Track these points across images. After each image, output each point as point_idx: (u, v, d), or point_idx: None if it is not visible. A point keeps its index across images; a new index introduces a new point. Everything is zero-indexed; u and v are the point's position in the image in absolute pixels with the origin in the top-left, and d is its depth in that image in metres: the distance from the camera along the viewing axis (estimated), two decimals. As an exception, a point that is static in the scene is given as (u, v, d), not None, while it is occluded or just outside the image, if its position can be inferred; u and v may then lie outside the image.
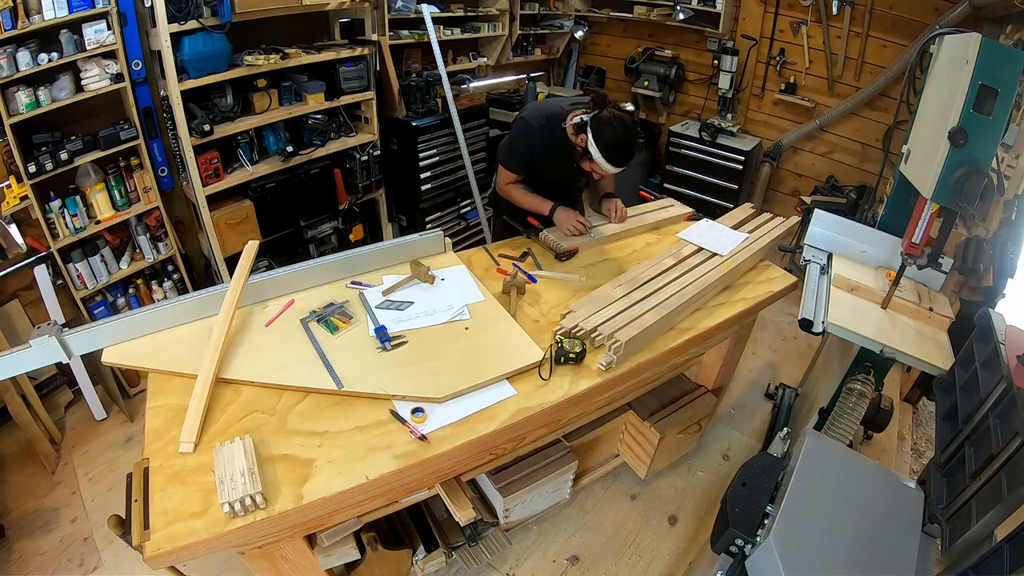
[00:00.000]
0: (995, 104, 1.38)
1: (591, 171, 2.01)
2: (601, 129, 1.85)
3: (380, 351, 1.55)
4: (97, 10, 2.19)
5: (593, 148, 1.87)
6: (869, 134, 3.75)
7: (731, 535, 1.28)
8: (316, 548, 1.42)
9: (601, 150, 1.86)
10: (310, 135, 3.01)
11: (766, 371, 3.16)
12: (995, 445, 1.13)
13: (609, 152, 1.86)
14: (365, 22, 3.07)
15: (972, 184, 1.40)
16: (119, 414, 2.68)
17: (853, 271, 1.97)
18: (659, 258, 2.07)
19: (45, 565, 2.02)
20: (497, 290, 1.85)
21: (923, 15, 3.27)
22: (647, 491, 2.38)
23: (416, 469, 1.28)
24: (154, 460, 1.22)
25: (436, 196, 3.72)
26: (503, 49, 4.16)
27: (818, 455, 1.38)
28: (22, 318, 2.47)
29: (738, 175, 4.04)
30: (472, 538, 1.95)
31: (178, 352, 1.49)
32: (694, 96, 4.49)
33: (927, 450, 2.65)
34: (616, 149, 1.86)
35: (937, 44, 1.72)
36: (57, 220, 2.33)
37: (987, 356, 1.36)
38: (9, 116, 2.07)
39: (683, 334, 1.75)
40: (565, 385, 1.51)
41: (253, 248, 1.70)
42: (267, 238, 2.92)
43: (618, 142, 1.86)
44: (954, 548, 1.13)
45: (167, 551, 1.06)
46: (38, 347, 1.40)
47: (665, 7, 4.16)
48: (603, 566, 2.08)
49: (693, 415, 2.16)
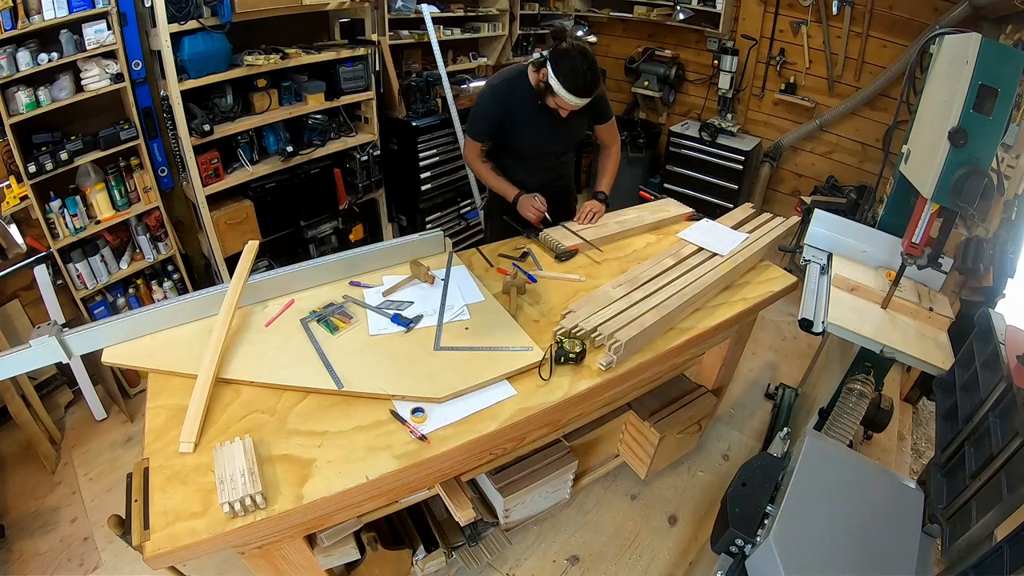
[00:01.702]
0: (995, 104, 1.38)
1: (556, 107, 1.96)
2: (559, 59, 1.82)
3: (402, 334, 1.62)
4: (97, 10, 2.19)
5: (553, 79, 1.84)
6: (869, 134, 3.75)
7: (731, 535, 1.28)
8: (316, 548, 1.42)
9: (560, 79, 1.83)
10: (310, 135, 3.01)
11: (766, 371, 3.16)
12: (995, 445, 1.13)
13: (568, 80, 1.83)
14: (365, 22, 3.07)
15: (972, 184, 1.40)
16: (119, 414, 2.68)
17: (853, 271, 1.97)
18: (659, 258, 2.07)
19: (45, 565, 2.02)
20: (497, 290, 1.85)
21: (923, 15, 3.27)
22: (647, 491, 2.38)
23: (416, 469, 1.28)
24: (154, 460, 1.22)
25: (436, 196, 3.72)
26: (503, 49, 4.16)
27: (818, 455, 1.38)
28: (22, 318, 2.47)
29: (738, 175, 4.05)
30: (472, 538, 1.95)
31: (178, 352, 1.49)
32: (694, 96, 4.49)
33: (927, 450, 2.65)
34: (575, 76, 1.82)
35: (937, 44, 1.72)
36: (57, 220, 2.33)
37: (987, 356, 1.36)
38: (9, 116, 2.07)
39: (683, 334, 1.75)
40: (565, 385, 1.51)
41: (253, 248, 1.70)
42: (267, 238, 2.92)
43: (576, 70, 1.82)
44: (954, 548, 1.13)
45: (167, 551, 1.06)
46: (38, 347, 1.40)
47: (665, 7, 4.16)
48: (603, 566, 2.08)
49: (693, 415, 2.16)
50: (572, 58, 1.82)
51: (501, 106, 2.07)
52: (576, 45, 1.84)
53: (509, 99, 2.05)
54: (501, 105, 2.07)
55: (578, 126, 2.24)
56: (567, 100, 1.88)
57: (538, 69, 1.94)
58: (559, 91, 1.85)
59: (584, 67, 1.83)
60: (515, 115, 2.07)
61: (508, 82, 2.06)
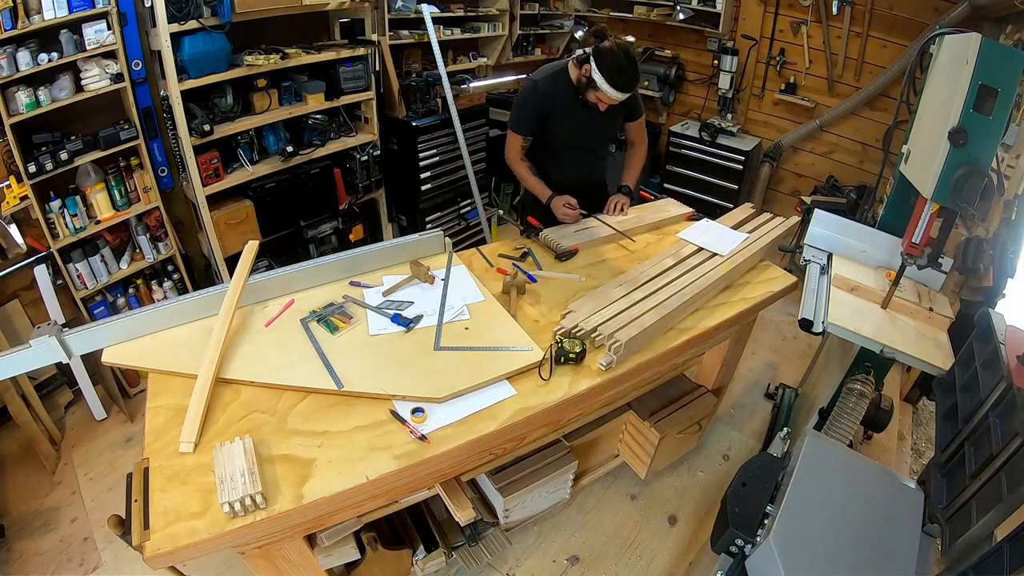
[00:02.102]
0: (995, 104, 1.38)
1: (596, 102, 2.06)
2: (603, 56, 1.93)
3: (402, 333, 1.62)
4: (97, 10, 2.19)
5: (596, 75, 1.95)
6: (869, 134, 3.75)
7: (731, 535, 1.28)
8: (316, 548, 1.42)
9: (604, 75, 1.94)
10: (310, 135, 3.01)
11: (766, 371, 3.16)
12: (995, 445, 1.13)
13: (612, 76, 1.94)
14: (365, 22, 3.07)
15: (972, 184, 1.40)
16: (119, 414, 2.68)
17: (853, 271, 1.97)
18: (659, 258, 2.07)
19: (45, 565, 2.02)
20: (497, 290, 1.85)
21: (923, 15, 3.27)
22: (647, 491, 2.38)
23: (416, 469, 1.28)
24: (154, 460, 1.22)
25: (436, 196, 3.72)
26: (503, 49, 4.16)
27: (818, 455, 1.38)
28: (22, 318, 2.47)
29: (738, 175, 4.05)
30: (472, 538, 1.95)
31: (178, 352, 1.49)
32: (694, 96, 4.49)
33: (927, 450, 2.65)
34: (618, 72, 1.93)
35: (937, 44, 1.72)
36: (57, 220, 2.33)
37: (987, 356, 1.36)
38: (9, 116, 2.07)
39: (683, 334, 1.75)
40: (565, 385, 1.51)
41: (253, 248, 1.70)
42: (267, 238, 2.92)
43: (619, 66, 1.93)
44: (954, 548, 1.13)
45: (167, 551, 1.06)
46: (38, 347, 1.40)
47: (665, 7, 4.16)
48: (603, 566, 2.08)
49: (693, 415, 2.16)
50: (615, 55, 1.93)
51: (543, 98, 2.16)
52: (619, 43, 1.95)
53: (550, 93, 2.15)
54: (543, 97, 2.16)
55: (613, 122, 2.33)
56: (609, 94, 1.97)
57: (580, 65, 2.04)
58: (602, 85, 1.96)
59: (627, 64, 1.95)
60: (555, 109, 2.17)
61: (549, 77, 2.16)
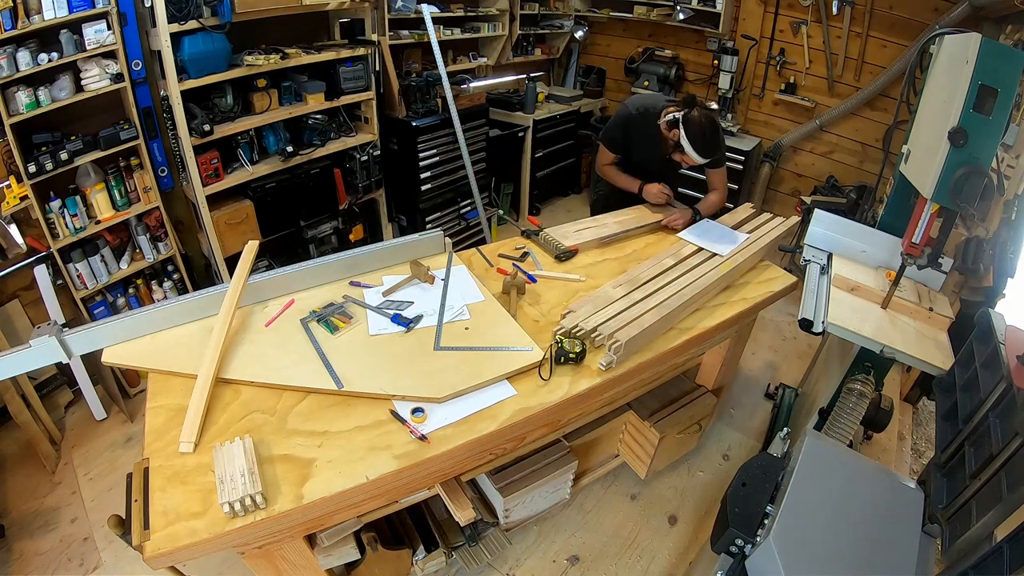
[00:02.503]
0: (995, 104, 1.38)
1: (681, 160, 2.28)
2: (691, 125, 2.15)
3: (402, 333, 1.63)
4: (97, 10, 2.19)
5: (685, 142, 2.17)
6: (869, 134, 3.75)
7: (731, 535, 1.28)
8: (316, 548, 1.42)
9: (691, 143, 2.16)
10: (310, 135, 3.01)
11: (766, 371, 3.16)
12: (995, 445, 1.13)
13: (696, 144, 2.16)
14: (365, 22, 3.07)
15: (972, 184, 1.40)
16: (119, 414, 2.68)
17: (853, 271, 1.97)
18: (659, 258, 2.07)
19: (45, 565, 2.02)
20: (497, 290, 1.85)
21: (923, 15, 3.27)
22: (647, 491, 2.38)
23: (416, 469, 1.28)
24: (154, 460, 1.22)
25: (436, 196, 3.72)
26: (503, 49, 4.16)
27: (818, 455, 1.38)
28: (22, 318, 2.47)
29: (738, 175, 4.04)
30: (472, 538, 1.95)
31: (178, 352, 1.49)
32: (694, 96, 4.48)
33: (927, 450, 2.65)
34: (703, 142, 2.16)
35: (937, 44, 1.72)
36: (57, 220, 2.33)
37: (987, 356, 1.36)
38: (9, 116, 2.07)
39: (683, 334, 1.75)
40: (565, 385, 1.51)
41: (253, 248, 1.70)
42: (267, 238, 2.92)
43: (705, 136, 2.16)
44: (954, 548, 1.13)
45: (167, 551, 1.06)
46: (38, 347, 1.40)
47: (665, 7, 4.16)
48: (603, 566, 2.08)
49: (693, 415, 2.16)
50: (702, 126, 2.15)
51: (632, 129, 2.41)
52: (704, 113, 2.17)
53: (639, 128, 2.38)
54: (630, 133, 2.43)
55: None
56: (694, 158, 2.21)
57: (670, 129, 2.23)
58: (689, 151, 2.18)
59: (711, 134, 2.19)
60: (640, 142, 2.43)
61: (643, 116, 2.37)
